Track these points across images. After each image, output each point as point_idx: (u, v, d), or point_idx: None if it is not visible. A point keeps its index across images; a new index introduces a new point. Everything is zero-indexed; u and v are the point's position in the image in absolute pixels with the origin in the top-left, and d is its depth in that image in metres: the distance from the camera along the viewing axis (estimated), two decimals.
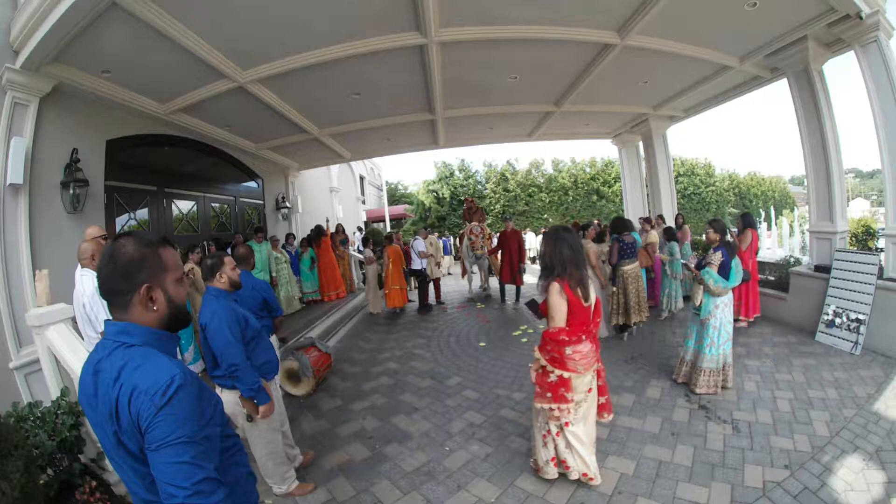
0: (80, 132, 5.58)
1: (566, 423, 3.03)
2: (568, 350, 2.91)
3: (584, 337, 2.95)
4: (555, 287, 2.93)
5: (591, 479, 3.11)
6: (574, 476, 3.14)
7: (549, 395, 3.01)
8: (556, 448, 3.15)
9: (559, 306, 2.91)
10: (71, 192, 5.19)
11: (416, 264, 9.58)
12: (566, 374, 2.93)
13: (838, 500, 2.87)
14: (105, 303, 1.39)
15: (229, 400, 3.02)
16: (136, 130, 6.72)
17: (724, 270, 4.44)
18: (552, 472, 3.19)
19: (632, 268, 6.41)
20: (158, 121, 6.77)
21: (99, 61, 4.86)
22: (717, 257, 4.46)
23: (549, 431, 3.12)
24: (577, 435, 3.06)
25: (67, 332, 3.35)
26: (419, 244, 9.60)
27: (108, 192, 6.25)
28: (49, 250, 4.87)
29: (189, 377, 1.22)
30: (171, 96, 6.12)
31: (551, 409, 3.01)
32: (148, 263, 1.32)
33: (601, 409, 3.23)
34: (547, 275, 3.04)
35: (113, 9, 3.83)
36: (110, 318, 1.35)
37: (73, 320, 3.57)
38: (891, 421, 3.74)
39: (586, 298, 2.97)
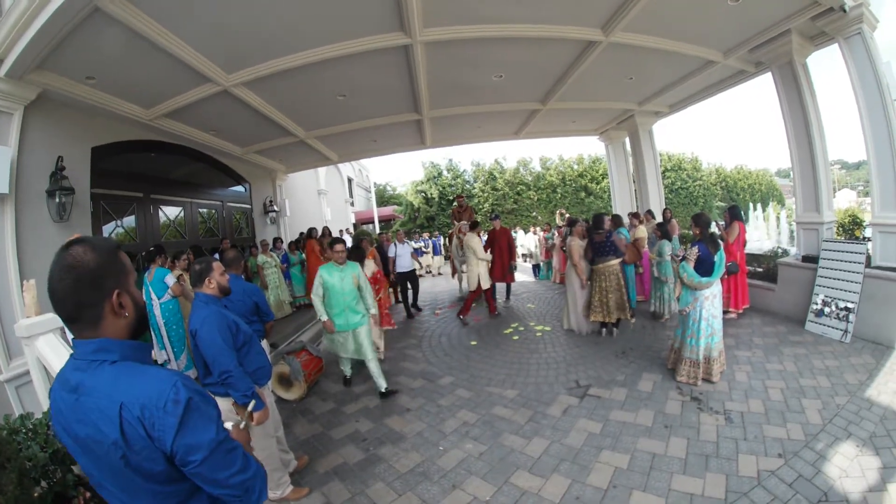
0: (66, 140, 5.53)
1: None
2: None
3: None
4: None
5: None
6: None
7: None
8: None
9: None
10: (57, 200, 5.13)
11: (400, 267, 9.21)
12: None
13: (833, 486, 2.89)
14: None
15: (223, 408, 2.99)
16: (122, 137, 6.68)
17: (704, 265, 4.55)
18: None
19: (604, 266, 6.33)
20: (144, 126, 6.72)
21: (83, 68, 4.81)
22: (693, 252, 4.58)
23: None
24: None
25: (57, 343, 3.32)
26: (391, 249, 9.26)
27: (95, 199, 6.19)
28: (36, 260, 4.82)
29: (188, 378, 1.21)
30: (155, 101, 6.06)
31: None
32: (115, 268, 1.24)
33: (383, 322, 6.30)
34: None
35: (96, 14, 3.80)
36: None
37: (62, 330, 3.53)
38: (883, 407, 3.80)
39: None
